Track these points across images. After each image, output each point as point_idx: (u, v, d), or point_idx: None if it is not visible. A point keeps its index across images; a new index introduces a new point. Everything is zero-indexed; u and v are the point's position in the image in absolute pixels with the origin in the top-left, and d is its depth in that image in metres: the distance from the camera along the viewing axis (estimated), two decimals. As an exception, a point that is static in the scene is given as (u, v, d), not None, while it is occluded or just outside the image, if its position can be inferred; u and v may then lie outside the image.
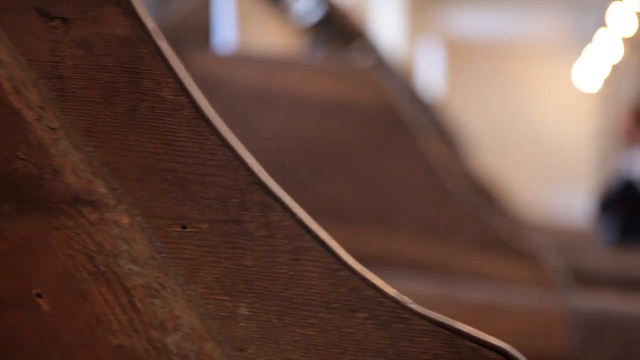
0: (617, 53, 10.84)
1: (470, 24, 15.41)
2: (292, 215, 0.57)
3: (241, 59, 1.67)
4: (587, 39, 14.30)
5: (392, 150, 1.64)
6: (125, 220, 0.61)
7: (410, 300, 0.61)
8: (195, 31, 2.45)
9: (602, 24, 11.18)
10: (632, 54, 10.24)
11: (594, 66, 13.16)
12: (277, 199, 0.57)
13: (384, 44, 8.51)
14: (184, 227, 0.61)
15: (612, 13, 9.56)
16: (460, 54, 17.21)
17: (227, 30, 1.99)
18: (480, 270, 1.61)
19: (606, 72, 12.64)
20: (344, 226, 1.64)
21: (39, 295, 0.61)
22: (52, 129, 0.61)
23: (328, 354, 0.56)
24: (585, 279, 2.82)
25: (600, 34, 11.98)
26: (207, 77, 1.68)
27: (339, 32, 3.80)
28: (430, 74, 15.26)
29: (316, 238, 0.57)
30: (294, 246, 0.58)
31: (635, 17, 9.02)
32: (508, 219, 3.23)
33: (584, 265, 2.86)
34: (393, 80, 5.75)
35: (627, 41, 10.24)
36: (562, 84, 16.77)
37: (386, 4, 9.74)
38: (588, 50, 13.72)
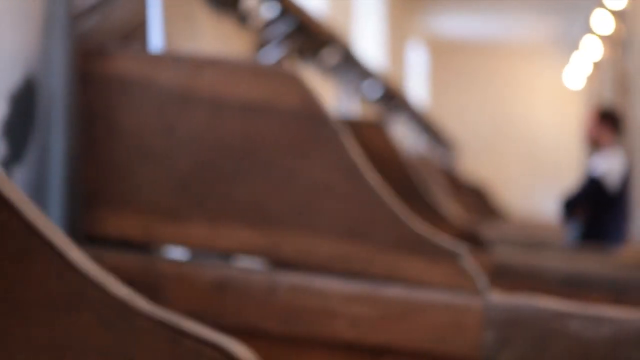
0: (598, 52, 10.87)
1: (456, 26, 15.46)
2: (19, 216, 0.57)
3: (164, 59, 1.68)
4: (572, 40, 14.34)
5: (313, 151, 1.65)
6: None
7: (141, 301, 0.62)
8: (129, 33, 2.46)
9: (586, 24, 11.22)
10: (612, 52, 10.27)
11: (579, 65, 13.20)
12: (4, 200, 0.57)
13: (365, 49, 8.57)
14: None
15: (595, 14, 9.60)
16: (446, 56, 17.26)
17: (160, 33, 2.00)
18: (400, 269, 1.62)
19: (589, 71, 12.67)
20: (263, 227, 1.66)
21: None
22: None
23: (53, 352, 0.57)
24: (535, 277, 2.85)
25: (584, 34, 12.01)
26: (131, 77, 1.69)
27: (306, 37, 3.82)
28: (417, 77, 15.28)
29: (43, 239, 0.57)
30: (20, 247, 0.58)
31: (614, 18, 9.04)
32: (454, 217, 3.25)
33: (536, 264, 2.88)
34: (372, 85, 5.79)
35: (607, 40, 10.27)
36: (548, 85, 16.79)
37: (369, 10, 9.75)
38: (573, 50, 13.75)
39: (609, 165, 4.68)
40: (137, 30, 2.45)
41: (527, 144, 17.04)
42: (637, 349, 1.51)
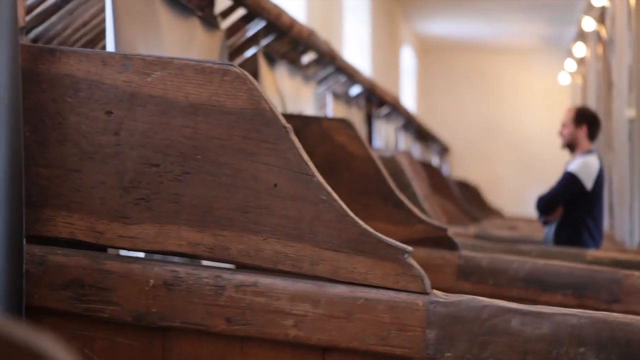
0: (584, 51, 10.91)
1: (447, 30, 15.47)
2: None
3: (113, 59, 1.69)
4: (559, 42, 14.36)
5: (261, 151, 1.66)
6: None
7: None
8: (85, 35, 2.47)
9: (573, 26, 11.23)
10: (597, 51, 10.29)
11: (566, 65, 13.24)
12: None
13: (353, 54, 8.56)
14: None
15: (582, 16, 9.62)
16: (437, 59, 17.26)
17: (118, 35, 2.01)
18: (345, 269, 1.64)
19: (575, 69, 12.71)
20: (210, 227, 1.67)
21: None
22: None
23: None
24: (500, 276, 2.86)
25: (571, 35, 12.05)
26: (79, 77, 1.70)
27: (278, 40, 3.82)
28: (408, 80, 15.29)
29: None
30: None
31: (597, 17, 9.07)
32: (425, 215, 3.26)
33: (502, 264, 2.90)
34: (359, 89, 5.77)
35: (591, 39, 10.29)
36: (538, 86, 16.82)
37: (357, 15, 9.76)
38: (561, 51, 13.78)
39: (584, 164, 4.70)
40: (95, 32, 2.46)
41: (518, 145, 17.10)
42: (575, 344, 1.53)
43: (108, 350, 1.67)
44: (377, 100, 6.61)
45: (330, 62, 4.69)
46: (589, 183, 4.66)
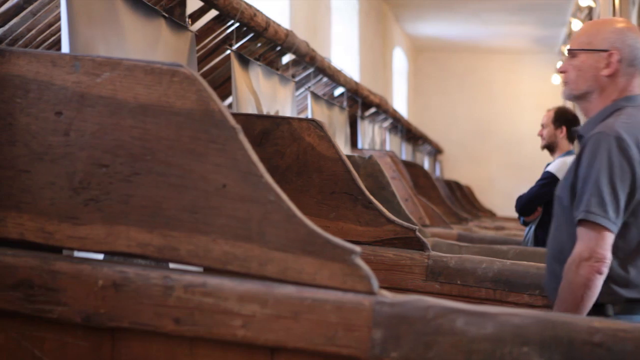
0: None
1: (438, 32, 15.48)
2: None
3: (62, 60, 1.69)
4: (551, 44, 14.39)
5: (209, 151, 1.67)
6: None
7: None
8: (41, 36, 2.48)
9: (563, 28, 11.27)
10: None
11: (558, 66, 13.27)
12: None
13: (341, 57, 8.54)
14: None
15: (572, 19, 9.64)
16: (429, 60, 17.29)
17: (76, 37, 2.01)
18: (293, 269, 1.64)
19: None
20: (160, 228, 1.67)
21: None
22: None
23: None
24: (468, 277, 2.87)
25: (562, 37, 12.09)
26: (28, 77, 1.71)
27: (253, 41, 3.83)
28: (399, 83, 15.30)
29: None
30: None
31: (585, 18, 9.09)
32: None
33: (470, 265, 2.90)
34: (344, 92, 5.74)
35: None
36: (530, 88, 16.84)
37: (346, 15, 9.77)
38: (552, 54, 13.83)
39: (563, 165, 4.71)
40: (60, 34, 2.47)
41: (510, 146, 17.13)
42: (518, 344, 1.53)
43: (58, 351, 1.67)
44: (361, 101, 6.61)
45: (310, 62, 4.70)
46: (568, 184, 4.67)
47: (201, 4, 3.12)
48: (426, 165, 13.78)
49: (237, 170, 1.66)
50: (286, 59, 4.65)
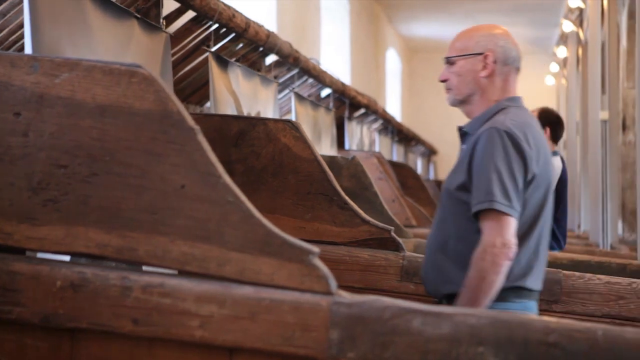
0: (565, 52, 10.94)
1: (432, 33, 15.47)
2: None
3: (21, 61, 1.69)
4: (544, 44, 14.40)
5: (168, 152, 1.67)
6: None
7: None
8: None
9: (555, 29, 11.27)
10: (577, 52, 10.33)
11: (550, 66, 13.28)
12: None
13: (329, 56, 8.51)
14: None
15: (563, 20, 9.64)
16: (423, 61, 17.28)
17: (42, 38, 2.01)
18: (251, 270, 1.64)
19: (557, 69, 12.75)
20: (118, 228, 1.67)
21: None
22: None
23: None
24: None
25: (554, 37, 12.09)
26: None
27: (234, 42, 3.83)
28: (393, 82, 15.29)
29: None
30: None
31: (575, 20, 9.10)
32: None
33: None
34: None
35: (572, 40, 10.33)
36: (526, 87, 16.88)
37: (336, 17, 9.77)
38: (546, 54, 13.84)
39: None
40: (23, 34, 2.47)
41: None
42: (474, 344, 1.53)
43: (17, 352, 1.67)
44: (349, 102, 6.61)
45: (294, 63, 4.70)
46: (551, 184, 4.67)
47: (178, 5, 3.12)
48: (419, 166, 13.78)
49: (195, 170, 1.66)
50: (270, 59, 4.65)
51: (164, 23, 2.92)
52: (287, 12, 6.56)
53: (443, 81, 2.48)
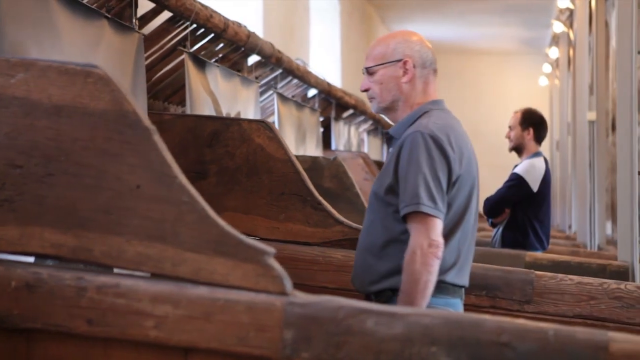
0: (557, 53, 10.95)
1: (426, 33, 15.45)
2: None
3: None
4: (537, 45, 14.39)
5: (124, 152, 1.66)
6: None
7: None
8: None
9: (547, 30, 11.26)
10: (569, 52, 10.33)
11: (543, 66, 13.29)
12: None
13: (319, 57, 8.46)
14: None
15: (554, 21, 9.66)
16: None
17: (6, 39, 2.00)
18: (206, 270, 1.64)
19: (550, 70, 12.76)
20: (74, 229, 1.67)
21: None
22: None
23: None
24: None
25: (546, 39, 12.08)
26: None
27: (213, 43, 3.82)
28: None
29: None
30: None
31: (565, 21, 9.11)
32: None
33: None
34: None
35: (563, 41, 10.33)
36: (520, 88, 16.83)
37: (327, 17, 9.77)
38: (538, 55, 13.82)
39: (531, 166, 4.72)
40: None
41: (498, 147, 17.13)
42: (427, 344, 1.53)
43: (-27, 353, 1.67)
44: (335, 103, 6.60)
45: (276, 64, 4.69)
46: (535, 185, 4.68)
47: (153, 5, 3.12)
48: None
49: (151, 171, 1.66)
50: (253, 60, 4.64)
51: (137, 23, 2.91)
52: (273, 12, 6.55)
53: (365, 91, 2.52)
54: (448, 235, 2.34)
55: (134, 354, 1.64)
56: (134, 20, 2.84)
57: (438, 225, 2.29)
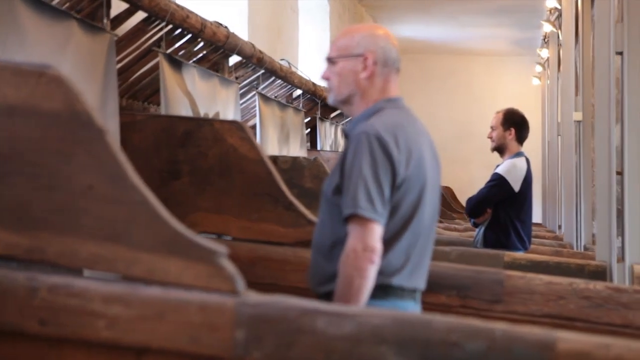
0: (547, 53, 10.95)
1: (418, 33, 15.47)
2: None
3: None
4: (528, 46, 14.38)
5: (77, 153, 1.67)
6: None
7: None
8: None
9: (537, 30, 11.24)
10: (560, 53, 10.33)
11: (534, 67, 13.30)
12: None
13: (308, 57, 8.43)
14: None
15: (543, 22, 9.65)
16: (409, 62, 17.29)
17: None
18: (159, 270, 1.64)
19: (540, 70, 12.77)
20: (27, 229, 1.67)
21: None
22: None
23: None
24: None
25: (537, 39, 12.07)
26: None
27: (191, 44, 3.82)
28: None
29: None
30: None
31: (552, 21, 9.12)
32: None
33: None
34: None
35: (552, 42, 10.34)
36: (513, 88, 16.84)
37: (316, 18, 9.76)
38: (530, 55, 13.81)
39: (512, 166, 4.73)
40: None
41: (489, 148, 17.12)
42: (376, 344, 1.54)
43: None
44: (321, 103, 6.60)
45: (258, 64, 4.70)
46: (516, 185, 4.69)
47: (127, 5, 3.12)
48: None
49: (103, 171, 1.66)
50: (235, 60, 4.65)
51: (108, 24, 2.91)
52: (260, 13, 6.54)
53: (325, 79, 2.47)
54: (394, 238, 2.29)
55: (86, 355, 1.64)
56: (105, 21, 2.84)
57: (375, 230, 2.24)
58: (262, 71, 4.89)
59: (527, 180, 4.78)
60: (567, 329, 2.63)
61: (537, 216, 13.79)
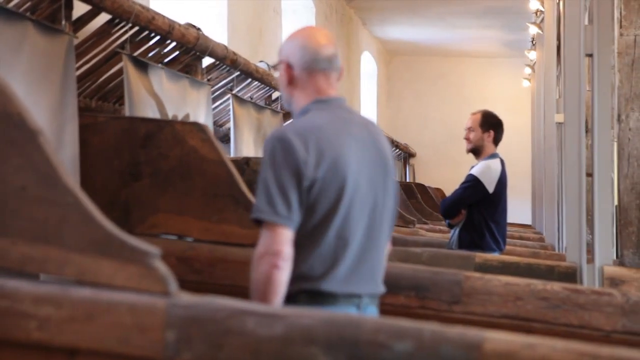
0: (534, 55, 10.96)
1: (409, 35, 15.47)
2: None
3: None
4: (517, 48, 14.38)
5: (8, 154, 1.66)
6: None
7: None
8: None
9: (525, 33, 11.26)
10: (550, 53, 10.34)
11: (523, 69, 13.31)
12: None
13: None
14: None
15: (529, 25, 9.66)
16: (399, 64, 17.29)
17: None
18: (91, 271, 1.63)
19: (529, 72, 12.78)
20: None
21: None
22: None
23: None
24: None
25: (526, 42, 12.08)
26: None
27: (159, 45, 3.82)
28: (369, 86, 15.27)
29: None
30: None
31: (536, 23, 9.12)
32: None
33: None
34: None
35: (539, 43, 10.34)
36: (503, 90, 16.86)
37: (302, 20, 9.75)
38: (519, 58, 13.81)
39: (487, 168, 4.73)
40: None
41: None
42: (306, 345, 1.53)
43: None
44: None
45: (232, 65, 4.69)
46: (490, 186, 4.69)
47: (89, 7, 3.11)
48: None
49: (36, 172, 1.65)
50: (208, 62, 4.64)
51: (67, 25, 2.90)
52: (240, 15, 6.54)
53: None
54: (313, 242, 2.23)
55: (16, 356, 1.63)
56: (64, 23, 2.83)
57: (279, 233, 2.18)
58: (237, 73, 4.88)
59: (502, 182, 4.78)
60: (524, 329, 2.64)
61: (526, 218, 13.81)
